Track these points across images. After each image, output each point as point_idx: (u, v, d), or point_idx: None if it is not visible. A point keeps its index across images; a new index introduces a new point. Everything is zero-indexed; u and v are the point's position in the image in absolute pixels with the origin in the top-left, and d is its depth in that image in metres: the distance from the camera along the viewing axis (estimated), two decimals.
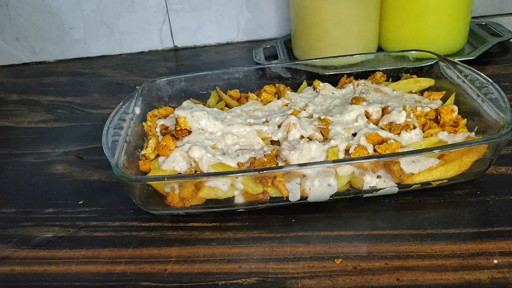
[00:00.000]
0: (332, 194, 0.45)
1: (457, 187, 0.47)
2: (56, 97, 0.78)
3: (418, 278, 0.38)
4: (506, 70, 0.71)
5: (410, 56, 0.62)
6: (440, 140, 0.48)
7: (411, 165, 0.45)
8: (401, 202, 0.46)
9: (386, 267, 0.39)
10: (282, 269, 0.40)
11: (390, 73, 0.63)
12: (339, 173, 0.45)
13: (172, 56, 0.90)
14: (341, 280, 0.38)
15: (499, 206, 0.45)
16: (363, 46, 0.73)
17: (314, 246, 0.42)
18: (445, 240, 0.41)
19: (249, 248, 0.43)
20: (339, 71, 0.65)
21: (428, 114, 0.52)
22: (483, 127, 0.49)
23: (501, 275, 0.37)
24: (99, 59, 0.92)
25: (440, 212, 0.45)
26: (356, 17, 0.71)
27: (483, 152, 0.45)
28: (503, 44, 0.78)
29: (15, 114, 0.74)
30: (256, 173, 0.43)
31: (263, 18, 0.90)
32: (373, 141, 0.48)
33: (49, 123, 0.70)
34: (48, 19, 0.89)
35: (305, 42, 0.75)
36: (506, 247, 0.40)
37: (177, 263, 0.42)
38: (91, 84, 0.83)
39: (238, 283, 0.39)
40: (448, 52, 0.73)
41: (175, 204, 0.46)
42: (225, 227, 0.46)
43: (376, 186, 0.45)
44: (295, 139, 0.49)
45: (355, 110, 0.52)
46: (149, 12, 0.89)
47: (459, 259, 0.39)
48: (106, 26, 0.90)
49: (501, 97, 0.47)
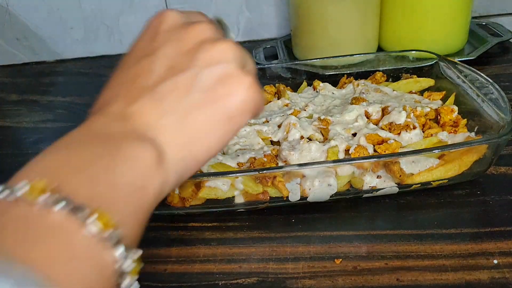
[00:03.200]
0: (332, 194, 0.45)
1: (457, 187, 0.47)
2: (56, 97, 0.78)
3: (418, 278, 0.38)
4: (506, 70, 0.71)
5: (410, 56, 0.62)
6: (440, 140, 0.48)
7: (411, 165, 0.45)
8: (401, 202, 0.46)
9: (386, 267, 0.39)
10: (282, 269, 0.40)
11: (390, 73, 0.63)
12: (339, 173, 0.45)
13: None
14: (341, 280, 0.38)
15: (499, 206, 0.44)
16: (363, 46, 0.73)
17: (314, 246, 0.42)
18: (445, 240, 0.41)
19: (249, 248, 0.43)
20: (339, 71, 0.65)
21: (428, 114, 0.52)
22: (483, 127, 0.48)
23: (501, 275, 0.37)
24: (99, 59, 0.92)
25: (440, 212, 0.45)
26: (356, 17, 0.71)
27: (483, 152, 0.45)
28: (503, 44, 0.77)
29: (15, 114, 0.74)
30: (256, 173, 0.43)
31: (263, 18, 0.90)
32: (373, 141, 0.48)
33: (49, 123, 0.70)
34: (48, 19, 0.89)
35: (305, 42, 0.75)
36: (506, 247, 0.40)
37: (177, 263, 0.42)
38: (91, 84, 0.82)
39: (238, 283, 0.39)
40: (448, 52, 0.73)
41: (175, 204, 0.46)
42: (225, 227, 0.46)
43: (376, 186, 0.45)
44: (295, 139, 0.49)
45: (355, 110, 0.52)
46: (149, 12, 0.89)
47: (459, 259, 0.39)
48: (106, 26, 0.90)
49: (501, 97, 0.47)
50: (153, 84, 0.27)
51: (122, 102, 0.27)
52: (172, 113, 0.27)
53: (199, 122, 0.27)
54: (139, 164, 0.24)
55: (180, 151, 0.27)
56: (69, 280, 0.19)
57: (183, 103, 0.27)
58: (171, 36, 0.29)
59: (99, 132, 0.25)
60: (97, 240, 0.20)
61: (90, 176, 0.22)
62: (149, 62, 0.29)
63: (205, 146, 0.27)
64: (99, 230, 0.20)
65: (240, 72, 0.28)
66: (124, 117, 0.26)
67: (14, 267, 0.17)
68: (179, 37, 0.29)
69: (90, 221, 0.20)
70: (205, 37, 0.29)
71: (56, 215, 0.20)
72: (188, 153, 0.27)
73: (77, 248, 0.20)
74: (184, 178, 0.28)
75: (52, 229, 0.20)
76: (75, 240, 0.20)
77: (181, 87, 0.27)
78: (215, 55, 0.28)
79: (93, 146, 0.24)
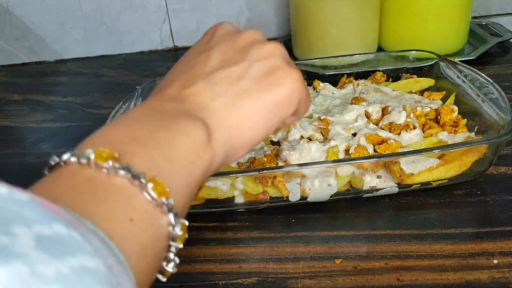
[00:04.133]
0: (332, 194, 0.45)
1: (457, 187, 0.47)
2: (57, 97, 0.78)
3: (418, 278, 0.38)
4: (506, 70, 0.71)
5: (410, 56, 0.62)
6: (440, 140, 0.48)
7: (411, 165, 0.45)
8: (401, 202, 0.46)
9: (386, 267, 0.39)
10: (282, 269, 0.40)
11: (390, 73, 0.63)
12: (339, 173, 0.45)
13: (172, 56, 0.90)
14: (341, 280, 0.38)
15: (499, 206, 0.45)
16: (363, 46, 0.73)
17: (314, 246, 0.42)
18: (445, 240, 0.41)
19: (249, 248, 0.43)
20: (339, 71, 0.65)
21: (428, 114, 0.52)
22: (483, 127, 0.48)
23: (501, 275, 0.37)
24: (99, 59, 0.92)
25: (440, 212, 0.45)
26: (356, 17, 0.71)
27: (483, 152, 0.45)
28: (503, 44, 0.77)
29: (16, 114, 0.74)
30: (256, 173, 0.43)
31: (263, 18, 0.90)
32: (373, 141, 0.48)
33: (49, 123, 0.70)
34: (48, 19, 0.89)
35: (305, 42, 0.75)
36: (506, 247, 0.40)
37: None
38: (91, 84, 0.83)
39: (238, 283, 0.39)
40: (448, 52, 0.73)
41: None
42: (225, 227, 0.46)
43: (376, 186, 0.45)
44: (295, 139, 0.49)
45: (355, 110, 0.52)
46: (149, 12, 0.89)
47: (459, 259, 0.39)
48: (106, 26, 0.90)
49: (501, 97, 0.47)
50: (208, 72, 0.30)
51: (178, 86, 0.30)
52: (223, 97, 0.29)
53: (247, 107, 0.29)
54: (191, 140, 0.26)
55: (227, 133, 0.29)
56: (128, 238, 0.21)
57: (234, 89, 0.29)
58: (226, 37, 0.33)
59: (156, 109, 0.28)
60: (154, 205, 0.22)
61: (148, 148, 0.24)
62: (205, 56, 0.31)
63: (251, 131, 0.30)
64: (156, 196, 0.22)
65: (288, 66, 0.31)
66: (180, 98, 0.29)
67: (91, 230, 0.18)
68: (233, 38, 0.33)
69: (149, 187, 0.22)
70: (256, 39, 0.33)
71: (120, 179, 0.22)
72: (235, 136, 0.29)
73: (137, 209, 0.22)
74: (230, 160, 0.30)
75: (116, 191, 0.22)
76: (136, 202, 0.22)
77: (233, 76, 0.30)
78: (265, 51, 0.31)
79: (150, 121, 0.26)
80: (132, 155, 0.24)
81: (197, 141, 0.26)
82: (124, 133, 0.25)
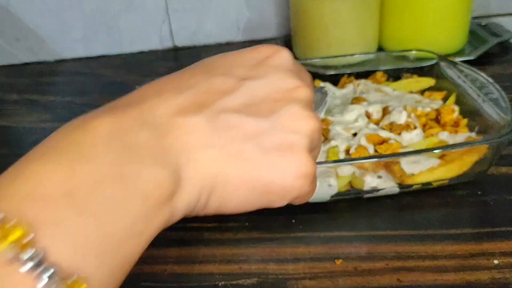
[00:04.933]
0: (332, 194, 0.45)
1: (457, 187, 0.47)
2: (56, 97, 0.78)
3: (419, 278, 0.38)
4: (506, 70, 0.71)
5: (410, 56, 0.62)
6: (441, 140, 0.48)
7: (412, 165, 0.45)
8: (402, 202, 0.46)
9: (386, 268, 0.39)
10: (282, 269, 0.40)
11: (390, 73, 0.62)
12: (339, 174, 0.45)
13: (172, 56, 0.90)
14: (341, 281, 0.38)
15: (500, 206, 0.44)
16: (363, 46, 0.73)
17: (314, 247, 0.42)
18: (445, 240, 0.41)
19: (249, 249, 0.43)
20: (340, 71, 0.65)
21: (428, 114, 0.52)
22: (484, 127, 0.48)
23: (502, 276, 0.37)
24: (99, 59, 0.91)
25: (440, 212, 0.45)
26: (356, 17, 0.71)
27: (484, 152, 0.45)
28: (503, 44, 0.77)
29: (15, 114, 0.74)
30: None
31: (263, 18, 0.90)
32: (373, 141, 0.47)
33: (49, 123, 0.70)
34: (48, 19, 0.89)
35: (305, 42, 0.75)
36: (507, 247, 0.40)
37: (177, 263, 0.42)
38: (91, 84, 0.82)
39: (238, 284, 0.39)
40: (448, 52, 0.73)
41: None
42: (224, 227, 0.46)
43: (377, 187, 0.45)
44: None
45: (356, 110, 0.52)
46: (149, 12, 0.89)
47: (459, 259, 0.39)
48: (106, 26, 0.90)
49: (502, 97, 0.47)
50: (221, 108, 0.24)
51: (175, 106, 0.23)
52: (217, 149, 0.23)
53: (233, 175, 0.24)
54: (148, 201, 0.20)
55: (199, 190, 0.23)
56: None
57: (234, 146, 0.23)
58: (270, 74, 0.26)
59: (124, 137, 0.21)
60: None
61: (85, 215, 0.18)
62: (232, 84, 0.25)
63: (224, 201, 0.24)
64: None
65: (306, 153, 0.25)
66: (165, 127, 0.22)
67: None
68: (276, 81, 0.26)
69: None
70: (298, 99, 0.25)
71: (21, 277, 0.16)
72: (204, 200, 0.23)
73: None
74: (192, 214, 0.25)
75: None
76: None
77: (244, 131, 0.24)
78: (297, 125, 0.25)
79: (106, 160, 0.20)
80: (55, 235, 0.17)
81: (157, 199, 0.21)
82: (61, 179, 0.19)
